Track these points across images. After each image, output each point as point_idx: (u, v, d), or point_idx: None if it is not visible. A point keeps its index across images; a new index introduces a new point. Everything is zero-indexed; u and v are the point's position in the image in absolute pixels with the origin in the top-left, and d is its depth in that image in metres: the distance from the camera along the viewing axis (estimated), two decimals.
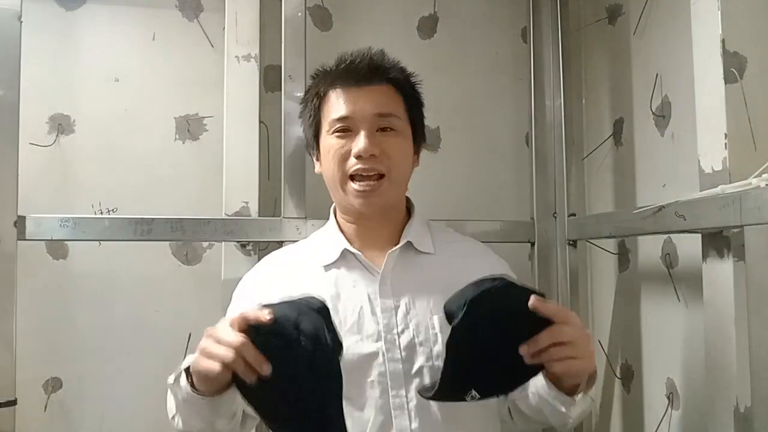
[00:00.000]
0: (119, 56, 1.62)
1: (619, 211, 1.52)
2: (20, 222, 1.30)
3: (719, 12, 1.03)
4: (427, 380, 0.98)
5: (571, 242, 1.63)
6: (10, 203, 1.29)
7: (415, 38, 1.75)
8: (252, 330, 0.79)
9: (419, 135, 1.12)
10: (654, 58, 1.43)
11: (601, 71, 1.67)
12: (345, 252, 1.08)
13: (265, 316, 0.78)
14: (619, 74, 1.58)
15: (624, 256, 1.56)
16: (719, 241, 1.04)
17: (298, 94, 1.51)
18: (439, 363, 0.89)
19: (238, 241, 1.48)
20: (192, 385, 0.88)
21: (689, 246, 1.28)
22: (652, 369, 1.44)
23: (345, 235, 1.11)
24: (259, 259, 1.49)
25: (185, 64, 1.64)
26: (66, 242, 1.55)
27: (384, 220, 1.11)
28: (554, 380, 0.90)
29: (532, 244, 1.63)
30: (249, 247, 1.50)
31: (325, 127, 1.08)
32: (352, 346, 0.98)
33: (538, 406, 0.98)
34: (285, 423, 0.83)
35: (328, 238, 1.12)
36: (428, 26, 1.77)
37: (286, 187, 1.50)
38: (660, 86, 1.40)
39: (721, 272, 1.04)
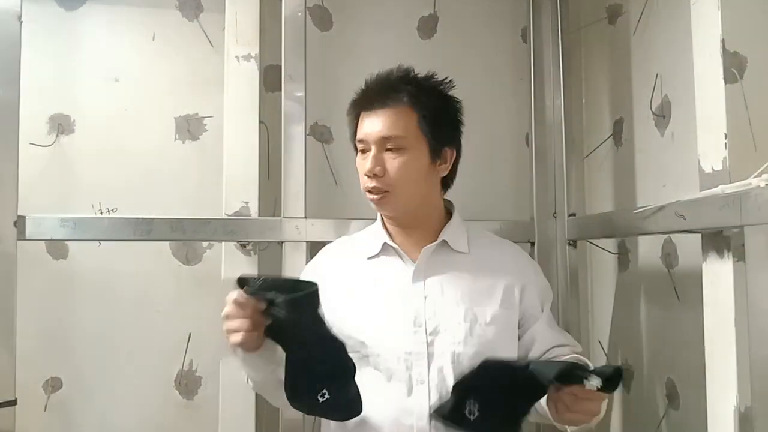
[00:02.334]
0: (119, 56, 1.62)
1: (619, 211, 1.52)
2: (20, 222, 1.30)
3: (719, 12, 1.03)
4: (448, 362, 1.12)
5: (571, 242, 1.63)
6: (10, 203, 1.29)
7: (415, 38, 1.75)
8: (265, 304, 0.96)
9: (439, 146, 1.19)
10: (654, 58, 1.43)
11: (601, 71, 1.67)
12: (386, 245, 1.22)
13: (261, 306, 0.95)
14: (619, 74, 1.58)
15: (624, 256, 1.56)
16: (719, 241, 1.04)
17: (299, 94, 1.51)
18: (461, 348, 1.12)
19: (238, 241, 1.48)
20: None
21: (689, 246, 1.27)
22: (652, 369, 1.44)
23: (388, 233, 1.24)
24: (259, 259, 1.50)
25: (185, 64, 1.64)
26: (66, 242, 1.55)
27: (417, 222, 1.22)
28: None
29: (532, 244, 1.63)
30: (249, 247, 1.49)
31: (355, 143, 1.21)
32: (385, 327, 1.14)
33: (544, 411, 1.08)
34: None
35: (374, 234, 1.26)
36: (428, 26, 1.77)
37: (286, 187, 1.50)
38: (660, 86, 1.40)
39: (721, 272, 1.04)
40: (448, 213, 1.27)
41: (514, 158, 1.77)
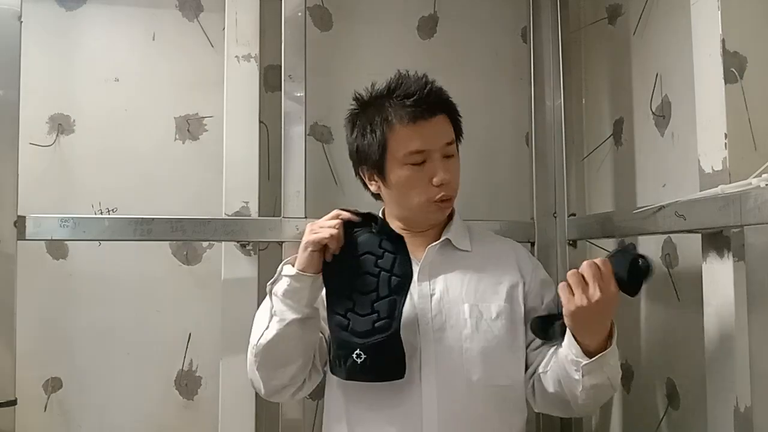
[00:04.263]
0: (119, 56, 1.62)
1: (619, 211, 1.52)
2: (20, 222, 1.30)
3: (719, 12, 1.03)
4: (455, 357, 1.14)
5: (571, 242, 1.63)
6: (10, 203, 1.29)
7: (415, 38, 1.75)
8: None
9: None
10: (654, 58, 1.43)
11: (601, 71, 1.67)
12: None
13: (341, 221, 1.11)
14: (619, 74, 1.58)
15: None
16: (719, 241, 1.04)
17: (298, 94, 1.51)
18: (467, 344, 1.13)
19: (238, 241, 1.48)
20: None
21: (689, 246, 1.27)
22: (652, 369, 1.44)
23: None
24: (259, 259, 1.50)
25: (185, 64, 1.64)
26: (66, 242, 1.55)
27: (426, 224, 1.24)
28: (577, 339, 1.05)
29: (532, 244, 1.63)
30: (249, 247, 1.50)
31: (397, 157, 1.15)
32: None
33: (556, 376, 1.11)
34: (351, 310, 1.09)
35: None
36: (428, 26, 1.77)
37: (286, 187, 1.50)
38: (660, 86, 1.40)
39: (721, 272, 1.04)
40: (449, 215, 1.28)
41: (514, 158, 1.77)
